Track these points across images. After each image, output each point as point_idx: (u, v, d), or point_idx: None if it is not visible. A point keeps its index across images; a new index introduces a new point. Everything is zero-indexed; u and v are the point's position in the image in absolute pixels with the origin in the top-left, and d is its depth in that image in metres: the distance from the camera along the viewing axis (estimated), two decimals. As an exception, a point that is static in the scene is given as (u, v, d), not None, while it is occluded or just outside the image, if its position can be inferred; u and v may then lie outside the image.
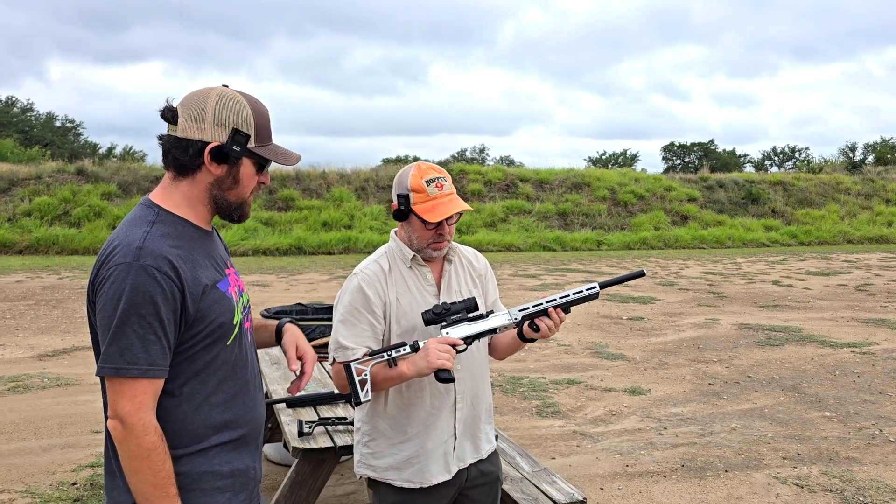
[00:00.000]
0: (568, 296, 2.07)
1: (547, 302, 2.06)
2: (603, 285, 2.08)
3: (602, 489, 4.24)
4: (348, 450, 2.97)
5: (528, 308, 2.07)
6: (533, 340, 2.16)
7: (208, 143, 1.62)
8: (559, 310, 2.07)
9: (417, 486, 2.17)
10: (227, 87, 1.68)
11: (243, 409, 1.73)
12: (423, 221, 2.10)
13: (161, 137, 1.66)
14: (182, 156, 1.63)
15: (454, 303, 2.05)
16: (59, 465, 4.51)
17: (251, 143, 1.65)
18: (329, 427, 3.08)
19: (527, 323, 2.12)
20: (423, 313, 2.04)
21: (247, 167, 1.67)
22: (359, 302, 2.12)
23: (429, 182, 2.10)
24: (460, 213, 2.17)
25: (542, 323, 2.07)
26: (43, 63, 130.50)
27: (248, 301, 1.84)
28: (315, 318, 4.58)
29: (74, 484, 4.22)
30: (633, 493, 4.20)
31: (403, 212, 2.14)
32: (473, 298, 2.05)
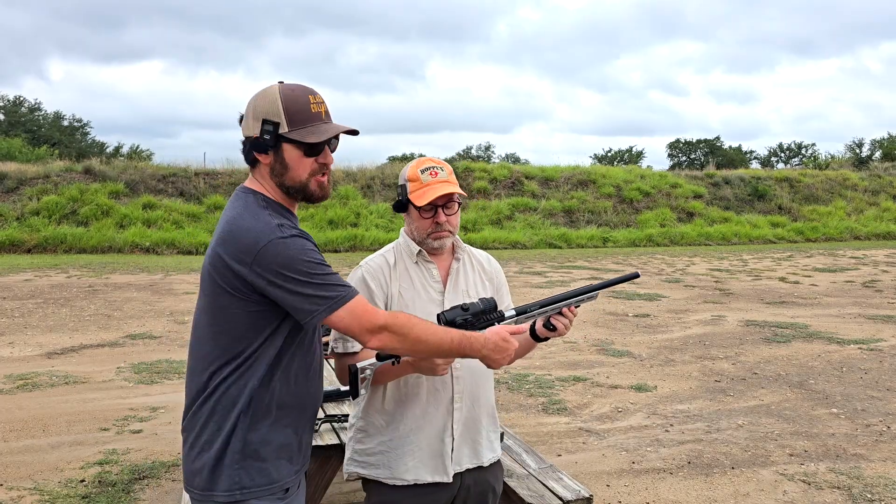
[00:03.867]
0: (568, 296, 2.06)
1: (549, 303, 2.04)
2: (602, 286, 2.09)
3: (608, 486, 4.24)
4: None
5: (532, 313, 2.03)
6: (546, 339, 2.15)
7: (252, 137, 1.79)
8: (572, 306, 2.07)
9: (411, 482, 2.13)
10: (283, 82, 1.80)
11: (314, 384, 1.90)
12: (417, 209, 2.11)
13: None
14: (244, 153, 1.84)
15: (473, 303, 1.98)
16: (68, 463, 4.54)
17: (283, 130, 1.75)
18: (335, 424, 3.09)
19: (541, 322, 2.10)
20: (442, 314, 1.95)
21: (290, 152, 1.77)
22: (361, 293, 2.12)
23: (423, 171, 2.12)
24: (459, 203, 2.17)
25: (558, 322, 2.06)
26: (42, 62, 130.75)
27: None
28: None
29: (83, 481, 4.25)
30: (640, 489, 4.20)
31: (402, 203, 2.16)
32: (492, 299, 1.99)
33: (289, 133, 1.75)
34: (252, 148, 1.79)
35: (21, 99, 46.87)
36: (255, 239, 1.68)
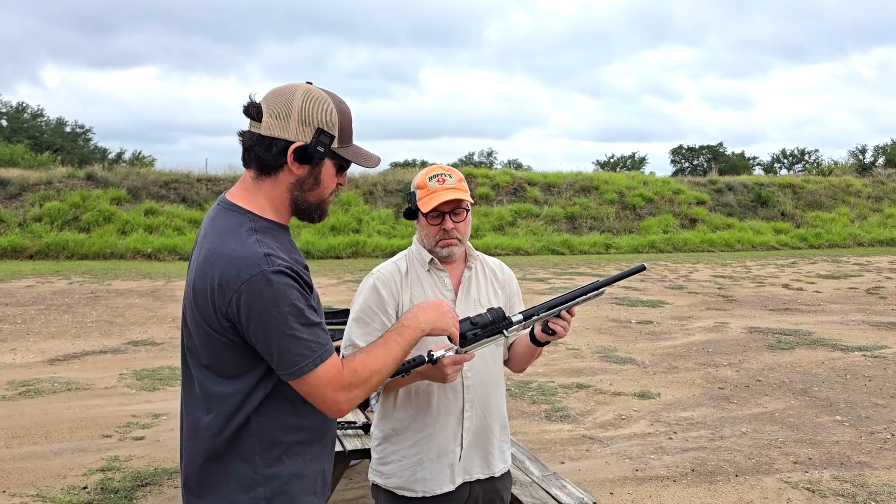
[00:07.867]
0: (575, 296, 2.03)
1: (556, 304, 2.02)
2: (608, 282, 2.04)
3: (612, 494, 4.23)
4: (358, 454, 2.98)
5: (539, 316, 2.00)
6: (547, 343, 2.14)
7: (292, 142, 1.58)
8: (571, 308, 2.05)
9: (420, 495, 2.11)
10: (312, 83, 1.65)
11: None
12: (425, 216, 2.11)
13: (242, 134, 1.62)
14: (265, 154, 1.59)
15: (480, 315, 1.91)
16: (70, 470, 4.53)
17: (334, 144, 1.62)
18: (338, 431, 3.08)
19: (539, 328, 2.09)
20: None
21: (328, 168, 1.64)
22: (372, 301, 2.12)
23: (431, 178, 2.12)
24: (467, 210, 2.15)
25: (557, 325, 2.05)
26: (36, 68, 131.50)
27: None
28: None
29: (85, 488, 4.24)
30: (643, 497, 4.18)
31: (412, 210, 2.15)
32: (500, 309, 1.93)
33: (338, 149, 1.63)
34: (297, 156, 1.58)
35: (24, 105, 47.10)
36: (238, 271, 1.49)
